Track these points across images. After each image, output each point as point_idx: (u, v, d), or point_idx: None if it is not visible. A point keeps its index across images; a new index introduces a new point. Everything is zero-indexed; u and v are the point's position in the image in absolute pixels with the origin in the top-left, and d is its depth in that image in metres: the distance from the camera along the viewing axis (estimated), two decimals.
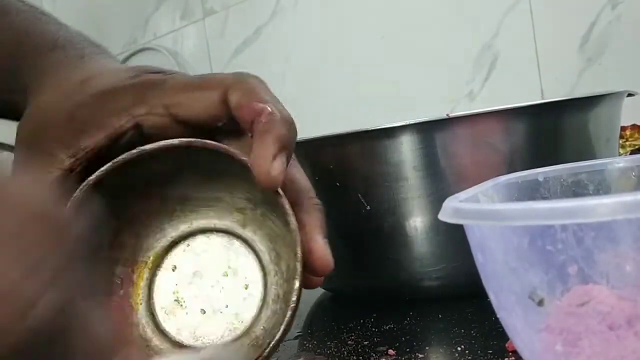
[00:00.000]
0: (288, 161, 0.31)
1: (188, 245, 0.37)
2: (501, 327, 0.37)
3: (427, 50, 0.92)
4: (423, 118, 0.41)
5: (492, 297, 0.25)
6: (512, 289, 0.23)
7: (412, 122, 0.41)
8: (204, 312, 0.36)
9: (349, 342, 0.39)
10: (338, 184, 0.44)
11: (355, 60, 1.01)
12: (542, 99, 0.79)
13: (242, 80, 0.33)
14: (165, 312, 0.36)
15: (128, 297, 0.36)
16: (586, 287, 0.22)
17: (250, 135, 0.32)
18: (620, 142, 0.67)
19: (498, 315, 0.25)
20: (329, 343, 0.40)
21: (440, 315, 0.42)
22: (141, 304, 0.36)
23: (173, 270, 0.37)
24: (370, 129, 0.42)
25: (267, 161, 0.30)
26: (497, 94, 0.85)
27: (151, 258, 0.36)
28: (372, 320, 0.43)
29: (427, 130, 0.41)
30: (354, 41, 1.01)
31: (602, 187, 0.34)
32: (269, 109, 0.31)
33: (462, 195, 0.27)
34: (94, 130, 0.34)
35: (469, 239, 0.25)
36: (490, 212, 0.22)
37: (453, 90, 0.89)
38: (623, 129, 0.69)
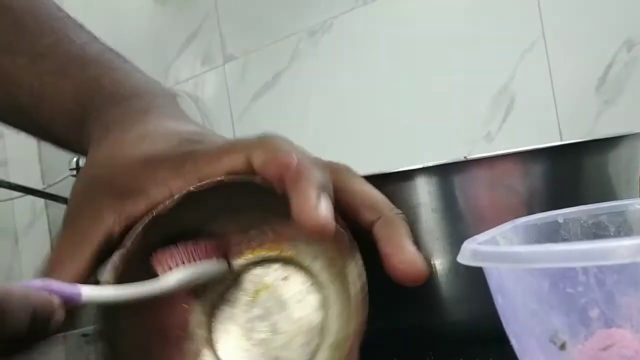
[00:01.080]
0: (332, 202, 0.31)
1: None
2: None
3: (444, 93, 0.93)
4: (440, 161, 0.41)
5: (513, 341, 0.25)
6: (533, 332, 0.23)
7: (429, 164, 0.41)
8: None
9: None
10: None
11: (373, 104, 1.02)
12: (560, 140, 0.80)
13: (265, 141, 0.34)
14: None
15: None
16: (609, 330, 0.22)
17: (281, 192, 0.32)
18: None
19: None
20: None
21: (461, 359, 0.42)
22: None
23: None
24: (388, 172, 0.42)
25: (311, 208, 0.30)
26: (514, 135, 0.85)
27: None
28: None
29: (445, 172, 0.41)
30: (372, 85, 1.03)
31: (623, 229, 0.34)
32: (295, 159, 0.32)
33: (481, 237, 0.27)
34: (135, 197, 0.35)
35: (489, 282, 0.25)
36: (509, 255, 0.22)
37: (471, 132, 0.90)
38: None
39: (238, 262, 0.36)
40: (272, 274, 0.36)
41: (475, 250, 0.24)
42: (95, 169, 0.38)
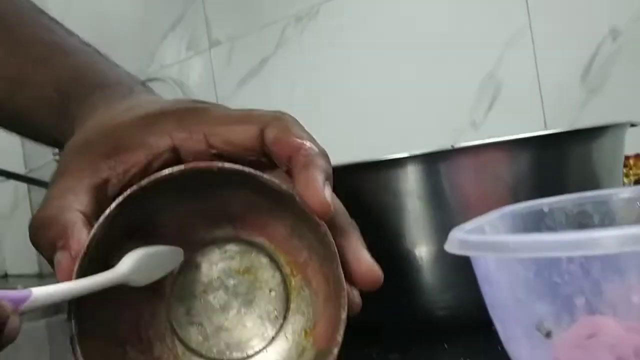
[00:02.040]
0: (330, 191, 0.33)
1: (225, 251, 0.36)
2: (508, 358, 0.37)
3: (430, 81, 0.93)
4: (427, 149, 0.42)
5: (499, 329, 0.25)
6: (518, 320, 0.23)
7: (416, 153, 0.41)
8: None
9: None
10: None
11: (359, 92, 1.02)
12: (545, 129, 0.80)
13: (280, 118, 0.34)
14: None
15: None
16: (593, 318, 0.22)
17: (284, 169, 0.33)
18: (624, 171, 0.67)
19: (505, 347, 0.25)
20: None
21: (446, 346, 0.42)
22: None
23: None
24: (374, 159, 0.43)
25: (318, 191, 0.31)
26: (500, 124, 0.86)
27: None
28: (377, 350, 0.43)
29: (432, 161, 0.42)
30: (358, 71, 1.02)
31: (607, 218, 0.34)
32: (307, 144, 0.33)
33: (468, 225, 0.27)
34: (133, 148, 0.34)
35: (475, 270, 0.25)
36: (497, 244, 0.22)
37: (456, 121, 0.90)
38: (626, 158, 0.69)
39: (200, 245, 0.36)
40: (237, 257, 0.36)
41: (462, 239, 0.24)
42: (86, 133, 0.37)
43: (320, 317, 0.35)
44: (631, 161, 0.75)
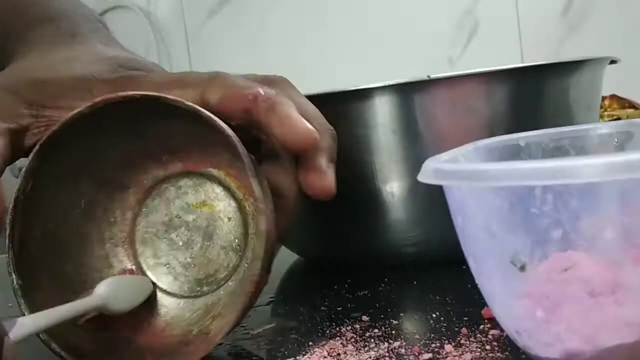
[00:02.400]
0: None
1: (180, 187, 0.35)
2: (478, 294, 0.37)
3: (408, 15, 0.90)
4: (402, 79, 0.40)
5: (471, 263, 0.24)
6: (492, 253, 0.22)
7: (390, 83, 0.40)
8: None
9: (322, 307, 0.39)
10: None
11: (334, 22, 0.99)
12: None
13: (218, 76, 0.33)
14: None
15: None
16: (568, 253, 0.22)
17: (234, 124, 0.32)
18: (599, 111, 0.67)
19: (477, 281, 0.24)
20: (301, 309, 0.39)
21: (415, 282, 0.42)
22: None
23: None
24: (346, 89, 0.41)
25: (296, 127, 0.30)
26: (476, 60, 0.84)
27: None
28: (346, 286, 0.43)
29: (406, 92, 0.40)
30: (333, 2, 0.99)
31: (583, 153, 0.33)
32: (260, 91, 0.31)
33: (443, 156, 0.26)
34: (61, 108, 0.33)
35: (449, 202, 0.24)
36: (473, 173, 0.21)
37: (433, 56, 0.88)
38: (602, 99, 0.68)
39: (154, 185, 0.35)
40: (192, 191, 0.35)
41: (437, 168, 0.22)
42: (18, 71, 0.35)
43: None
44: (606, 102, 0.74)
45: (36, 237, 0.32)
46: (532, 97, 0.42)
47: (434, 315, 0.34)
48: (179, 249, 0.35)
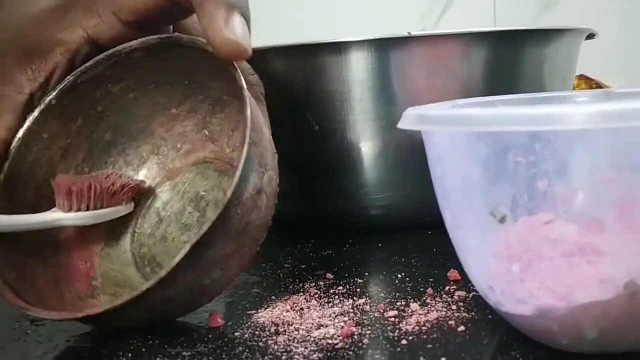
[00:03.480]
0: (248, 22, 0.28)
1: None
2: (443, 258, 0.37)
3: None
4: (381, 34, 0.39)
5: (447, 216, 0.23)
6: (472, 204, 0.21)
7: (369, 37, 0.39)
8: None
9: (285, 265, 0.38)
10: (287, 100, 0.41)
11: None
12: None
13: None
14: None
15: None
16: (549, 208, 0.21)
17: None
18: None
19: (451, 236, 0.24)
20: (263, 265, 0.38)
21: (380, 245, 0.41)
22: None
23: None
24: (324, 41, 0.39)
25: (220, 25, 0.27)
26: None
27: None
28: (310, 245, 0.42)
29: (385, 48, 0.39)
30: None
31: None
32: None
33: (422, 108, 0.25)
34: (47, 48, 0.32)
35: (429, 152, 0.23)
36: (459, 118, 0.20)
37: (405, 25, 0.87)
38: None
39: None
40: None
41: (420, 114, 0.21)
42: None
43: None
44: (575, 81, 0.74)
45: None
46: (509, 63, 0.41)
47: (399, 276, 0.34)
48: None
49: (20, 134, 0.31)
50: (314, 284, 0.33)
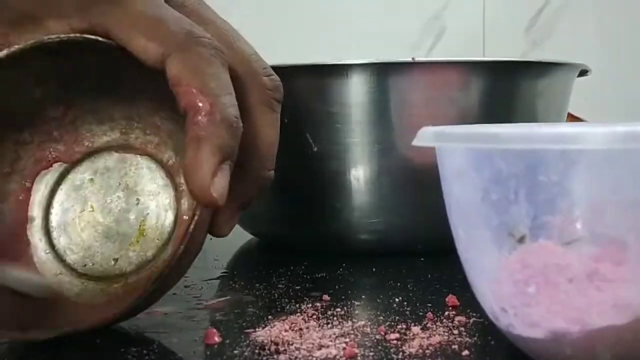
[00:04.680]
0: (230, 171, 0.27)
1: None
2: (440, 283, 0.36)
3: (376, 13, 0.90)
4: (383, 59, 0.39)
5: (461, 235, 0.23)
6: (490, 224, 0.21)
7: (371, 61, 0.39)
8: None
9: (280, 285, 0.37)
10: (286, 120, 0.40)
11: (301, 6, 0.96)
12: None
13: (190, 45, 0.28)
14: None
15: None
16: (565, 235, 0.21)
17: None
18: None
19: (464, 256, 0.23)
20: (257, 285, 0.37)
21: (374, 269, 0.41)
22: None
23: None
24: (325, 63, 0.39)
25: (205, 178, 0.26)
26: None
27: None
28: (303, 267, 0.41)
29: (385, 72, 0.39)
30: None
31: None
32: (208, 106, 0.26)
33: (437, 127, 0.25)
34: (29, 26, 0.30)
35: (444, 169, 0.23)
36: (481, 136, 0.20)
37: (397, 55, 0.88)
38: None
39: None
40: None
41: (439, 131, 0.21)
42: None
43: None
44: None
45: None
46: (506, 94, 0.42)
47: (397, 300, 0.33)
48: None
49: None
50: (310, 305, 0.33)
